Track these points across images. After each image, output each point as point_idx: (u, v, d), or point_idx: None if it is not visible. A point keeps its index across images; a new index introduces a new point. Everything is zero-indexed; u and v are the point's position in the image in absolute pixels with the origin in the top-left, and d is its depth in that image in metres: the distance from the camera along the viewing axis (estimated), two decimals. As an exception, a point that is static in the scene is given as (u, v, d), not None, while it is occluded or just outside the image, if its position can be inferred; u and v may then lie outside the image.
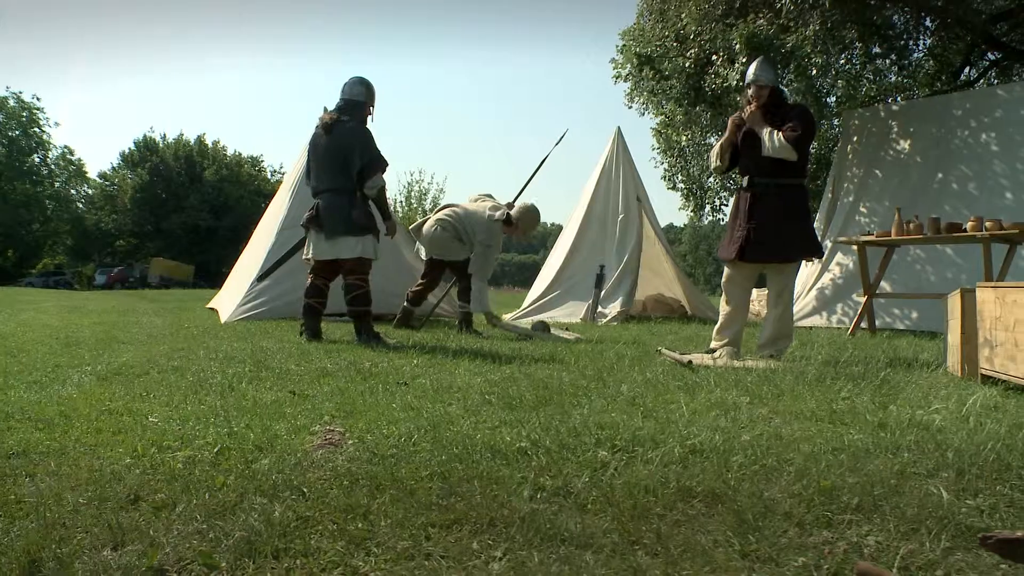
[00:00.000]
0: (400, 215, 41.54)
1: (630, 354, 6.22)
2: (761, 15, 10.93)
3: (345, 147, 7.14)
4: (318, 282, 7.46)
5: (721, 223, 18.01)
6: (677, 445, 2.85)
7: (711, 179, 16.22)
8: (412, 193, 41.66)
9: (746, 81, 6.45)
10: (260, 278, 10.08)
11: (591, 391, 4.26)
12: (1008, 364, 4.42)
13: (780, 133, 6.05)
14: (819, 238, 11.38)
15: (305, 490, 2.39)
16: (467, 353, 6.21)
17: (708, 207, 16.66)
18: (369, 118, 7.44)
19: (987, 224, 7.91)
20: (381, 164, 7.19)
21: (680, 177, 16.17)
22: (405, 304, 9.15)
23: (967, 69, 18.42)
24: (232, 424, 3.36)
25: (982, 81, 18.10)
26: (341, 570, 1.81)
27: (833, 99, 11.85)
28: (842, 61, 11.17)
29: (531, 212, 8.90)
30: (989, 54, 18.24)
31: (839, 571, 1.76)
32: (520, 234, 8.98)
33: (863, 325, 9.28)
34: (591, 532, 2.01)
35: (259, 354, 6.15)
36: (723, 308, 6.55)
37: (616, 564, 1.81)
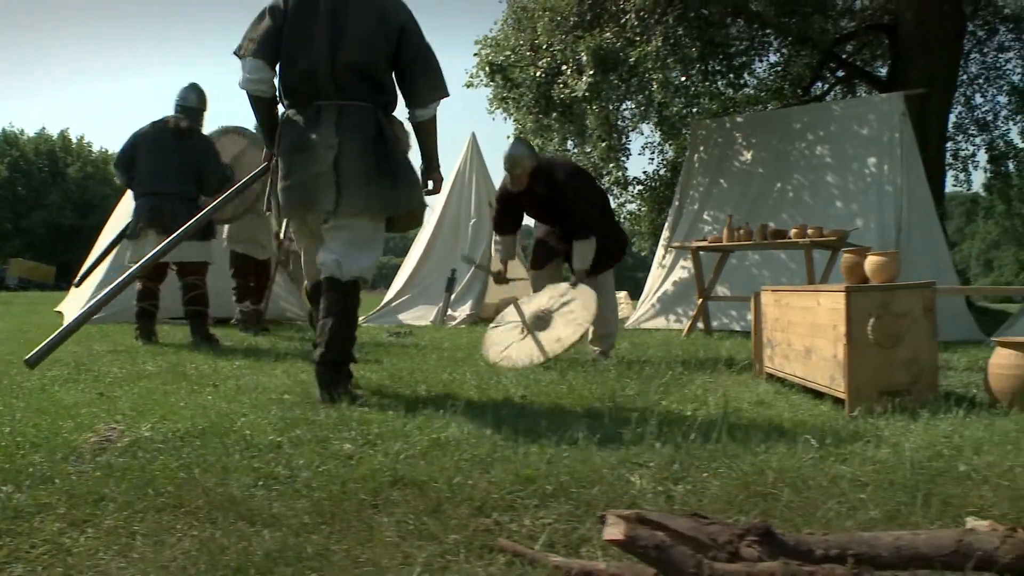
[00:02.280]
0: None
1: (453, 356, 6.38)
2: (608, 28, 11.25)
3: (198, 157, 7.23)
4: (149, 285, 7.41)
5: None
6: (424, 438, 3.01)
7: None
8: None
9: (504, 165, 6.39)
10: (77, 284, 9.81)
11: (383, 390, 4.39)
12: (784, 363, 4.72)
13: (579, 245, 6.24)
14: (666, 243, 11.83)
15: (57, 480, 2.49)
16: (293, 356, 6.27)
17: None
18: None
19: (809, 231, 8.36)
20: (230, 181, 7.20)
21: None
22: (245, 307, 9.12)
23: (818, 84, 19.33)
24: (17, 423, 3.40)
25: (831, 95, 19.03)
26: (49, 547, 1.93)
27: (673, 112, 12.26)
28: (683, 78, 11.56)
29: None
30: (840, 71, 19.20)
31: (486, 546, 1.92)
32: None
33: (699, 326, 9.66)
34: (289, 515, 2.16)
35: (86, 358, 6.10)
36: None
37: (290, 540, 1.95)
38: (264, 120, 4.25)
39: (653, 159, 18.71)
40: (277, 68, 4.12)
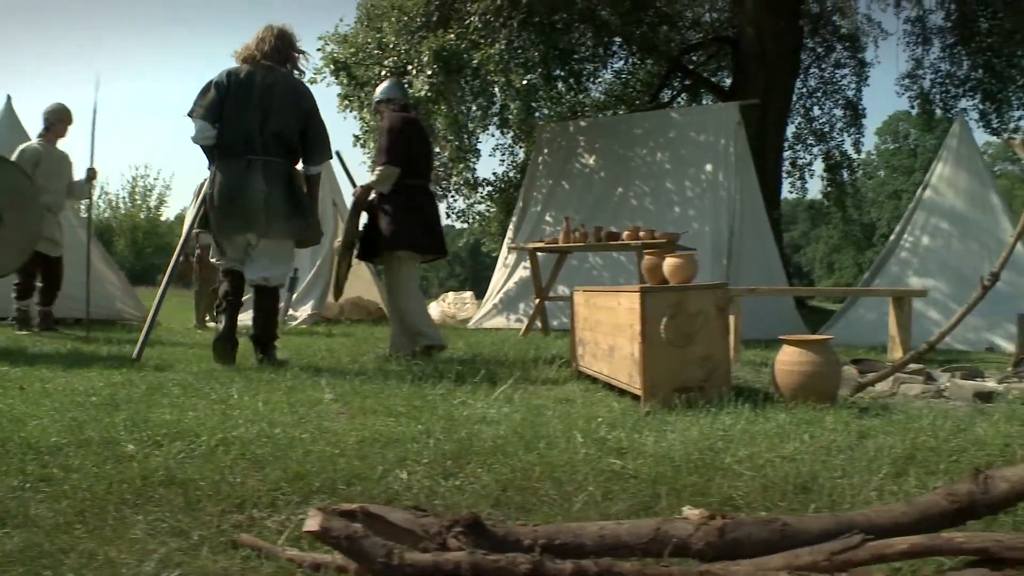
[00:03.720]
0: (123, 212, 39.62)
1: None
2: (453, 30, 11.30)
3: None
4: None
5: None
6: (211, 439, 2.99)
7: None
8: (136, 189, 39.86)
9: None
10: None
11: (195, 392, 4.32)
12: (593, 361, 4.88)
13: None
14: (509, 244, 11.97)
15: None
16: (113, 358, 6.12)
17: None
18: None
19: (641, 234, 8.62)
20: None
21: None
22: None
23: (666, 91, 19.94)
24: None
25: (677, 103, 19.65)
26: None
27: (513, 114, 12.40)
28: (524, 81, 11.70)
29: (55, 106, 8.91)
30: (687, 80, 19.87)
31: (231, 541, 1.97)
32: (60, 132, 8.94)
33: (537, 325, 9.83)
34: (47, 516, 2.15)
35: None
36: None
37: (37, 540, 1.95)
38: (211, 158, 5.83)
39: (503, 161, 18.89)
40: (218, 126, 5.68)
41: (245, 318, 6.27)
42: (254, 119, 5.62)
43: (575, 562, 1.47)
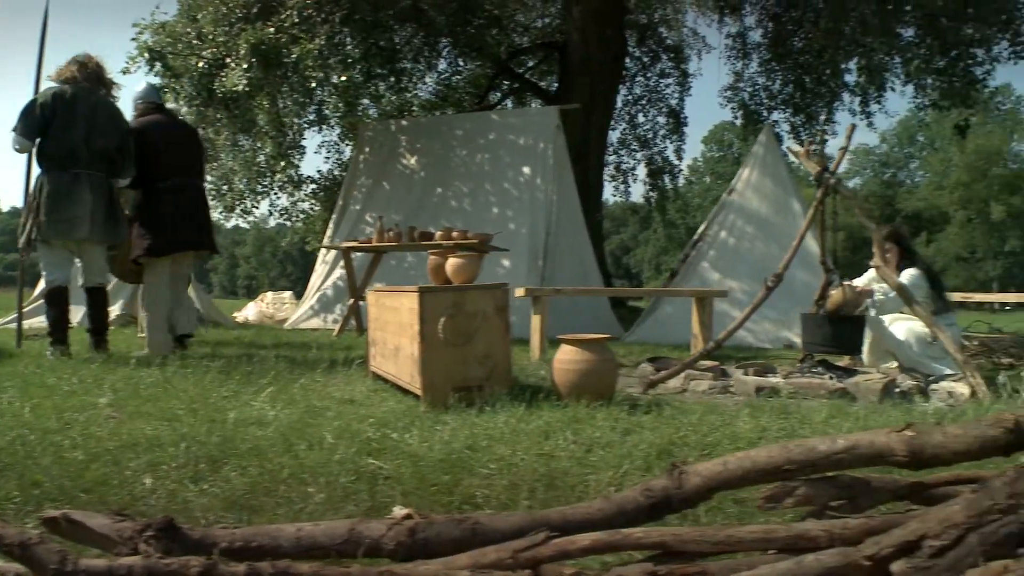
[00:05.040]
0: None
1: (78, 356, 6.12)
2: (272, 23, 11.09)
3: None
4: None
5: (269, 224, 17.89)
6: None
7: (242, 180, 16.19)
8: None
9: None
10: None
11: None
12: (382, 361, 4.93)
13: None
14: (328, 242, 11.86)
15: None
16: None
17: (239, 208, 16.60)
18: None
19: (454, 234, 8.71)
20: None
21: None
22: None
23: (496, 93, 20.15)
24: None
25: (504, 105, 19.88)
26: None
27: (330, 111, 12.33)
28: (343, 78, 11.63)
29: None
30: (515, 83, 20.14)
31: None
32: None
33: (352, 324, 9.80)
34: None
35: None
36: None
37: None
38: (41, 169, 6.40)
39: (328, 159, 18.64)
40: (38, 141, 6.33)
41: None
42: (79, 135, 6.26)
43: (250, 564, 1.51)
